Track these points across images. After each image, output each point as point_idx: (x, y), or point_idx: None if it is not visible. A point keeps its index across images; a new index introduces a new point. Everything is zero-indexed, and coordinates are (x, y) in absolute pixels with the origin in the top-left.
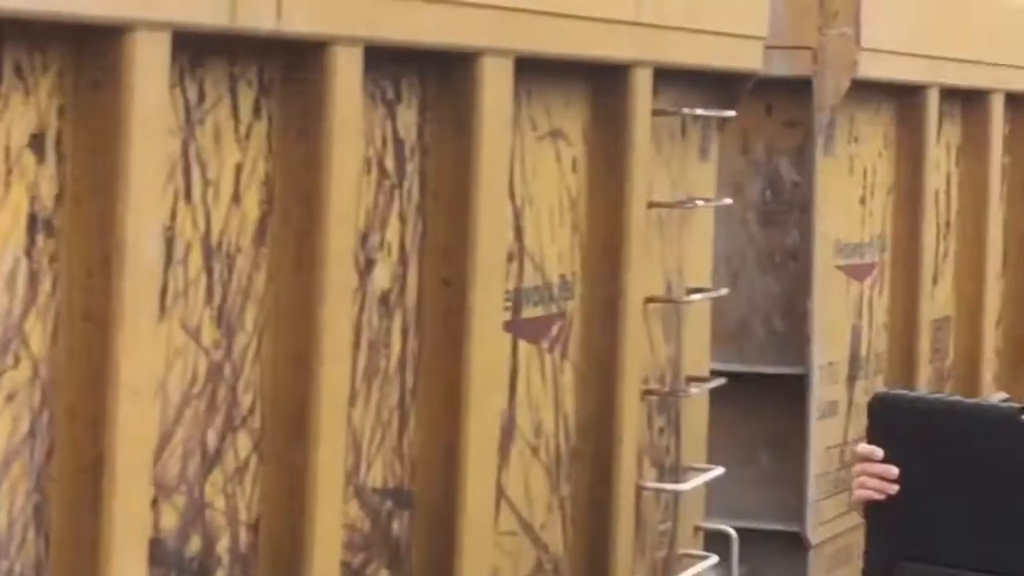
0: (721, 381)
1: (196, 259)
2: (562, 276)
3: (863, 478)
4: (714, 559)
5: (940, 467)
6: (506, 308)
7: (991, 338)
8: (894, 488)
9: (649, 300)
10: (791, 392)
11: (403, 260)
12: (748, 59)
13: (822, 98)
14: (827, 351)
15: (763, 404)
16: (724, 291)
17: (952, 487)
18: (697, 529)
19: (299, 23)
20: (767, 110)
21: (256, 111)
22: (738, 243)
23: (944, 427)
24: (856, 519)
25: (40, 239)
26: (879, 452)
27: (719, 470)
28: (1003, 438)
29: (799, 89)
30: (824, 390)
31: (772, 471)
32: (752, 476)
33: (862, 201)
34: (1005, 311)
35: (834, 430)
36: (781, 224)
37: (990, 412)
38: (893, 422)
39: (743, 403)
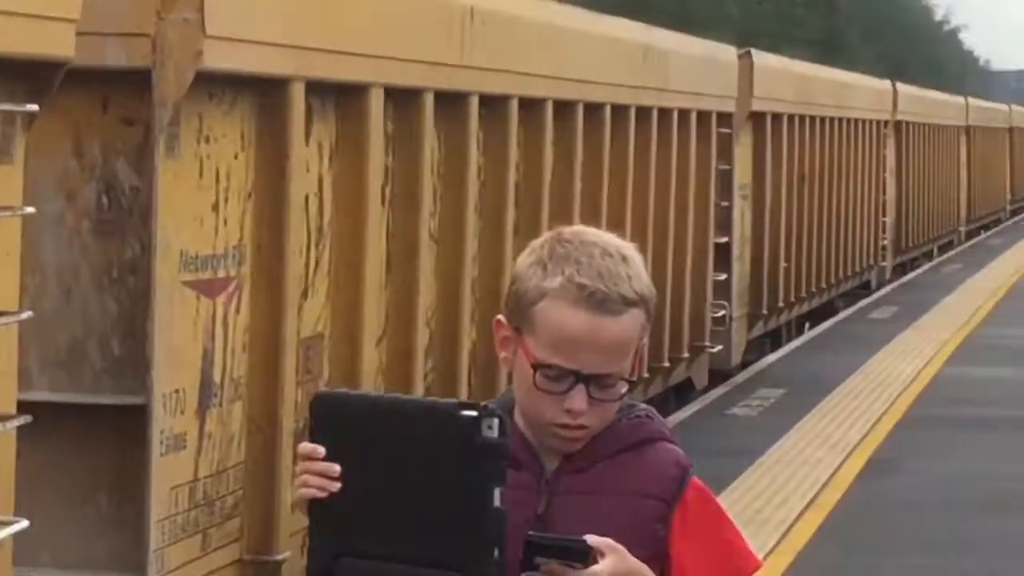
0: (26, 419)
1: None
2: None
3: (305, 476)
4: None
5: (381, 464)
6: None
7: (372, 354)
8: (336, 486)
9: None
10: (131, 424)
11: None
12: (54, 44)
13: (163, 92)
14: (172, 378)
15: (99, 438)
16: (27, 314)
17: (392, 484)
18: None
19: None
20: (103, 105)
21: None
22: (70, 256)
23: (385, 424)
24: (211, 564)
25: None
26: (321, 450)
27: (22, 523)
28: (444, 434)
29: (138, 81)
30: (169, 421)
31: (110, 514)
32: (87, 521)
33: (215, 208)
34: (389, 324)
35: (183, 466)
36: (119, 234)
37: (432, 408)
38: (334, 420)
39: (75, 438)
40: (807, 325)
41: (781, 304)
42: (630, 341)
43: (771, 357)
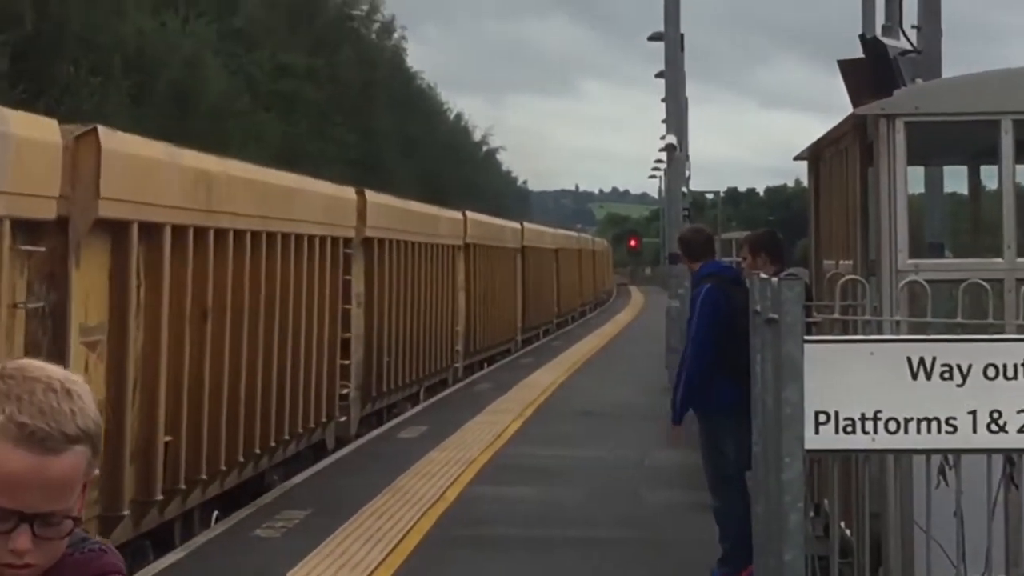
0: None
1: None
2: None
3: None
4: None
5: None
6: None
7: None
8: None
9: None
10: None
11: None
12: None
13: None
14: None
15: None
16: None
17: None
18: None
19: None
20: None
21: None
22: None
23: None
24: None
25: None
26: None
27: None
28: None
29: None
30: None
31: None
32: None
33: None
34: None
35: None
36: None
37: None
38: None
39: None
40: (215, 515)
41: (160, 496)
42: (74, 479)
43: (297, 478)
